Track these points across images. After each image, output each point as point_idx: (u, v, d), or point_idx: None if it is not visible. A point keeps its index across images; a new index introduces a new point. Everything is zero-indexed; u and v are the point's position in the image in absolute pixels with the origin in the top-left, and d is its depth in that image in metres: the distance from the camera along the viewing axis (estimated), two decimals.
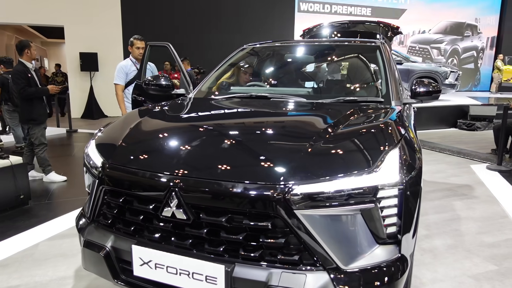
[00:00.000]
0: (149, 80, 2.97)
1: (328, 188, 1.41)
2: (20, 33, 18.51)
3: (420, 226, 3.38)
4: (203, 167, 1.57)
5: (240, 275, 1.46)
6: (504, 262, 2.76)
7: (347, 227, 1.45)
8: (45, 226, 3.36)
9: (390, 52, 2.93)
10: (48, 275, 2.55)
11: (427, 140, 7.59)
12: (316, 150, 1.58)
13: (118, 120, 2.18)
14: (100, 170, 1.73)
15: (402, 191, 1.51)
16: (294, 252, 1.45)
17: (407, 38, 16.49)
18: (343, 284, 1.41)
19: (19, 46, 4.50)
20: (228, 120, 2.19)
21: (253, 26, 13.24)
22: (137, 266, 1.61)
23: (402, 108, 2.41)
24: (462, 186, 4.65)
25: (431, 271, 2.63)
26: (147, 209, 1.57)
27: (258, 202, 1.40)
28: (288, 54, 3.24)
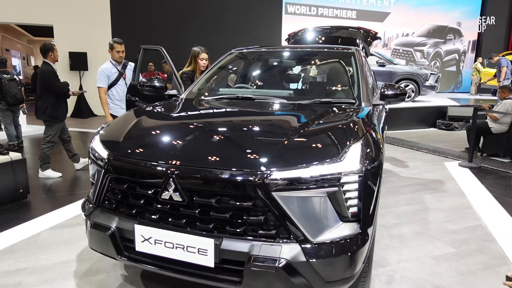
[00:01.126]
0: (143, 82, 3.23)
1: (300, 174, 1.71)
2: (6, 31, 18.40)
3: (391, 216, 3.73)
4: (196, 157, 1.86)
5: (227, 247, 1.75)
6: (462, 246, 3.12)
7: (315, 207, 1.75)
8: (46, 217, 3.59)
9: (364, 58, 3.24)
10: (52, 259, 2.79)
11: (406, 139, 8.00)
12: (291, 143, 1.88)
13: (118, 118, 2.45)
14: (106, 161, 2.00)
15: (362, 178, 1.82)
16: (272, 227, 1.75)
17: (391, 41, 16.99)
18: (311, 252, 1.71)
19: (44, 49, 4.87)
20: (217, 117, 2.50)
21: (242, 28, 13.52)
22: (139, 242, 1.89)
23: (371, 108, 2.73)
24: (434, 181, 5.03)
25: (398, 253, 2.96)
26: (148, 193, 1.85)
27: (242, 186, 1.70)
28: (272, 59, 3.54)
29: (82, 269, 2.65)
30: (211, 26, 12.98)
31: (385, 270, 2.70)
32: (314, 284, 1.74)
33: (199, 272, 1.81)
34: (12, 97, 6.58)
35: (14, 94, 6.59)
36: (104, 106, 4.43)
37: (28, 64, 23.91)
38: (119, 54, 4.48)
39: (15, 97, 6.63)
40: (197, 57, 4.12)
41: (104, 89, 4.43)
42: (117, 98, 4.46)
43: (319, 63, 3.49)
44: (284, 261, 1.68)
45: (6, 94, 6.51)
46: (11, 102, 6.61)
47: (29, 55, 24.28)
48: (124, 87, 4.49)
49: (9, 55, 18.75)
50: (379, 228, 3.42)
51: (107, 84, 4.44)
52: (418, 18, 16.97)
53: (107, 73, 4.43)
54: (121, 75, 4.50)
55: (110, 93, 4.46)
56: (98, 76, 4.43)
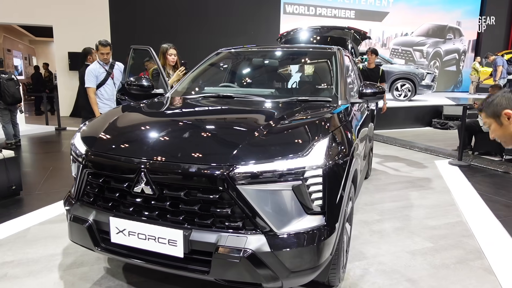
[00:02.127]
0: (131, 81, 3.32)
1: (264, 168, 1.79)
2: (8, 32, 18.57)
3: (375, 212, 3.80)
4: (166, 152, 1.95)
5: (196, 238, 1.83)
6: (440, 241, 3.18)
7: (280, 200, 1.83)
8: (36, 213, 3.68)
9: (348, 57, 3.32)
10: (39, 252, 2.89)
11: (399, 138, 8.06)
12: (259, 138, 1.97)
13: (100, 116, 2.54)
14: (84, 157, 2.09)
15: (327, 173, 1.89)
16: (239, 219, 1.83)
17: (389, 41, 17.03)
18: (276, 244, 1.79)
19: (83, 54, 5.34)
20: (192, 115, 2.59)
21: (240, 28, 13.60)
22: (114, 234, 1.98)
23: (349, 106, 2.81)
24: (422, 179, 5.09)
25: (376, 248, 3.03)
26: (122, 187, 1.94)
27: (208, 179, 1.78)
28: (256, 59, 3.63)
29: (66, 262, 2.74)
30: (209, 27, 13.06)
31: (361, 263, 2.77)
32: (280, 274, 1.82)
33: (170, 262, 1.90)
34: (10, 97, 6.70)
35: (12, 93, 6.71)
36: (93, 106, 4.53)
37: (30, 64, 24.08)
38: (103, 56, 4.57)
39: (13, 97, 6.75)
40: (165, 53, 4.43)
41: (93, 89, 4.52)
42: (106, 98, 4.55)
43: (301, 63, 3.57)
44: (249, 251, 1.76)
45: (4, 93, 6.62)
46: (9, 102, 6.72)
47: (31, 55, 24.46)
48: (112, 86, 4.59)
49: (11, 55, 18.92)
50: (361, 223, 3.50)
51: (96, 84, 4.53)
52: (417, 17, 16.99)
53: (95, 73, 4.52)
54: (109, 75, 4.60)
55: (99, 92, 4.56)
56: (86, 77, 4.53)
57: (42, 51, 25.23)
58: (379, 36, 16.95)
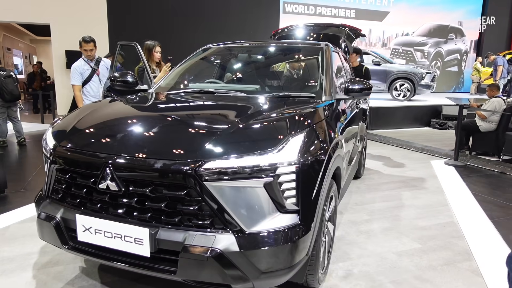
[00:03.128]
0: (115, 77, 3.25)
1: (232, 164, 1.71)
2: (8, 31, 18.59)
3: (364, 212, 3.71)
4: (131, 147, 1.87)
5: (163, 237, 1.76)
6: (429, 242, 3.10)
7: (250, 197, 1.75)
8: (18, 211, 3.62)
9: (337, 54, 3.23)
10: (15, 251, 2.82)
11: (396, 138, 7.96)
12: (229, 133, 1.89)
13: (73, 111, 2.47)
14: (51, 152, 2.02)
15: (300, 170, 1.81)
16: (207, 217, 1.75)
17: (390, 40, 16.91)
18: (245, 243, 1.71)
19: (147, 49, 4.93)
20: (165, 110, 2.53)
21: (238, 27, 13.53)
22: (80, 232, 1.91)
23: (334, 102, 2.73)
24: (416, 179, 5.00)
25: (361, 248, 2.95)
26: (88, 183, 1.86)
27: (174, 175, 1.71)
28: (242, 55, 3.55)
29: (42, 261, 2.67)
30: (207, 26, 13.00)
31: (345, 264, 2.69)
32: (250, 275, 1.74)
33: (137, 261, 1.83)
34: (9, 94, 6.65)
35: (10, 90, 6.67)
36: (79, 103, 4.45)
37: (30, 63, 24.11)
38: (87, 52, 4.50)
39: (12, 94, 6.71)
40: (152, 50, 4.50)
41: (78, 87, 4.46)
42: (91, 95, 4.48)
43: (287, 59, 3.49)
44: (217, 251, 1.68)
45: (2, 90, 6.58)
46: (8, 98, 6.68)
47: (32, 54, 24.50)
48: (98, 83, 4.52)
49: (11, 54, 18.94)
50: (348, 224, 3.42)
51: (81, 81, 4.46)
52: (418, 17, 16.87)
53: (79, 70, 4.45)
54: (94, 72, 4.53)
55: (84, 89, 4.49)
56: (71, 74, 4.46)
57: (43, 50, 25.27)
58: (380, 36, 16.84)
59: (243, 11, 13.68)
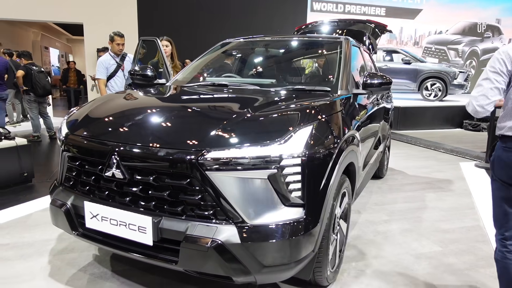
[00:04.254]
0: (135, 71, 3.30)
1: (236, 154, 1.68)
2: (46, 30, 19.44)
3: (383, 213, 3.58)
4: (137, 135, 1.88)
5: (166, 226, 1.76)
6: (450, 245, 2.94)
7: (254, 189, 1.71)
8: (42, 200, 3.75)
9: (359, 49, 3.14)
10: (35, 237, 2.92)
11: (424, 139, 7.66)
12: (235, 124, 1.86)
13: (88, 102, 2.52)
14: (63, 140, 2.07)
15: (306, 163, 1.76)
16: (209, 208, 1.73)
17: (422, 39, 16.34)
18: (247, 235, 1.68)
19: None
20: (175, 101, 2.54)
21: (265, 25, 13.50)
22: (88, 219, 1.94)
23: (350, 97, 2.64)
24: (442, 181, 4.78)
25: (378, 249, 2.84)
26: (95, 171, 1.89)
27: (177, 164, 1.70)
28: (259, 49, 3.51)
29: (58, 248, 2.75)
30: (233, 23, 13.05)
31: (358, 264, 2.59)
32: (251, 268, 1.70)
33: (140, 249, 1.83)
34: (42, 88, 6.94)
35: (43, 85, 6.96)
36: None
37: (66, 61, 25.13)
38: (119, 46, 4.64)
39: (44, 88, 7.00)
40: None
41: (103, 81, 4.57)
42: (116, 90, 4.58)
43: (305, 53, 3.42)
44: (218, 242, 1.65)
45: (35, 85, 6.87)
46: (40, 93, 6.97)
47: (68, 53, 25.54)
48: (122, 78, 4.61)
49: (48, 53, 19.82)
50: (366, 223, 3.31)
51: (106, 75, 4.57)
52: (452, 15, 16.21)
53: (105, 65, 4.57)
54: (119, 67, 4.63)
55: (109, 84, 4.60)
56: (97, 68, 4.59)
57: (78, 49, 26.28)
58: (411, 34, 16.32)
59: (270, 8, 13.62)
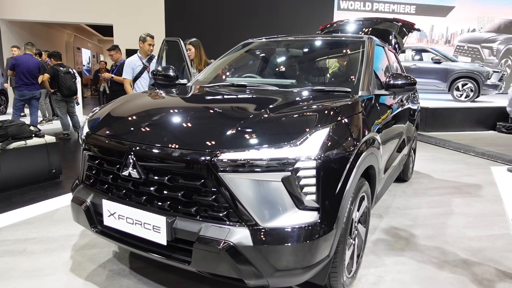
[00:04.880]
0: (157, 71, 3.35)
1: (249, 156, 1.66)
2: (79, 31, 20.15)
3: (406, 218, 3.47)
4: (153, 136, 1.90)
5: (179, 227, 1.77)
6: (477, 254, 2.81)
7: (267, 191, 1.69)
8: (68, 196, 3.85)
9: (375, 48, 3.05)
10: (59, 232, 3.02)
11: (454, 141, 7.38)
12: (248, 125, 1.84)
13: (111, 102, 2.58)
14: (84, 139, 2.13)
15: (321, 165, 1.72)
16: (223, 209, 1.72)
17: (454, 37, 15.76)
18: (260, 238, 1.66)
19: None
20: (192, 102, 2.54)
21: (291, 24, 13.43)
22: (106, 217, 1.98)
23: (372, 98, 2.57)
24: (471, 185, 4.58)
25: (398, 255, 2.75)
26: (113, 170, 1.93)
27: (191, 165, 1.70)
28: (280, 49, 3.48)
29: (81, 243, 2.83)
30: (260, 23, 13.05)
31: (377, 270, 2.52)
32: (264, 272, 1.69)
33: (154, 248, 1.85)
34: (67, 89, 7.20)
35: (68, 86, 7.21)
36: None
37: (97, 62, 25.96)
38: (150, 47, 4.74)
39: (70, 89, 7.26)
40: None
41: (129, 81, 4.68)
42: (141, 90, 4.67)
43: (327, 53, 3.36)
44: (229, 244, 1.65)
45: (61, 85, 7.15)
46: (66, 94, 7.24)
47: (99, 53, 26.37)
48: (148, 80, 4.70)
49: (80, 53, 20.54)
50: (387, 228, 3.21)
51: (132, 76, 4.67)
52: (486, 12, 15.53)
53: (132, 65, 4.66)
54: (145, 69, 4.70)
55: (135, 85, 4.69)
56: (124, 68, 4.70)
57: None
58: (443, 32, 15.77)
59: (296, 7, 13.53)
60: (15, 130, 4.03)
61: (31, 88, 6.83)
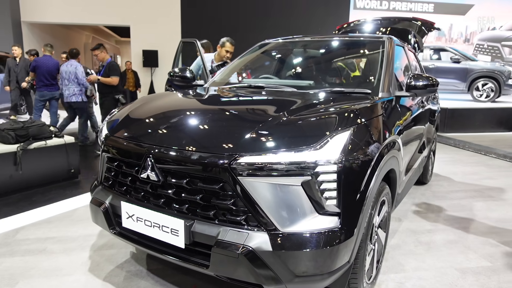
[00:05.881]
0: (174, 72, 3.36)
1: (269, 159, 1.64)
2: (97, 33, 20.49)
3: (426, 221, 3.39)
4: (172, 138, 1.90)
5: (198, 230, 1.76)
6: (501, 260, 2.72)
7: (287, 195, 1.66)
8: (87, 195, 3.92)
9: (395, 48, 2.99)
10: (78, 232, 3.06)
11: (474, 142, 7.20)
12: (267, 128, 1.81)
13: (130, 103, 2.59)
14: (103, 141, 2.14)
15: (342, 170, 1.68)
16: (241, 213, 1.70)
17: (473, 36, 15.38)
18: (279, 243, 1.64)
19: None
20: (210, 104, 2.53)
21: (307, 24, 13.34)
22: (124, 219, 1.99)
23: (392, 99, 2.52)
24: (493, 189, 4.45)
25: (419, 260, 2.68)
26: (132, 172, 1.93)
27: (209, 169, 1.69)
28: (298, 50, 3.44)
29: (99, 243, 2.86)
30: (275, 23, 13.01)
31: (397, 276, 2.47)
32: (282, 277, 1.66)
33: (172, 251, 1.85)
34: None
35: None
36: None
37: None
38: (227, 54, 4.49)
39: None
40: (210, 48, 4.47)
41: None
42: None
43: (346, 53, 3.30)
44: (248, 248, 1.63)
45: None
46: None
47: (116, 54, 26.77)
48: None
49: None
50: (407, 232, 3.14)
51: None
52: (507, 10, 15.09)
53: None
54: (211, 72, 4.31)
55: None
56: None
57: (126, 51, 27.49)
58: (462, 31, 15.41)
59: (312, 6, 13.43)
60: (36, 131, 4.10)
61: (50, 88, 6.96)
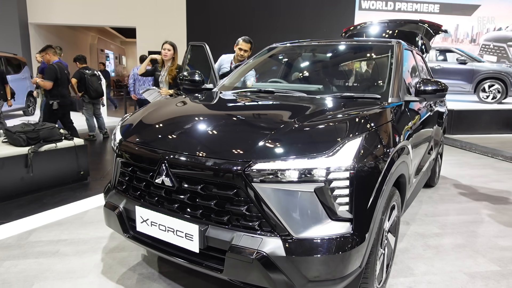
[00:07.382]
0: (183, 76, 3.39)
1: (282, 166, 1.66)
2: (102, 34, 20.60)
3: (434, 225, 3.40)
4: (186, 144, 1.92)
5: (212, 235, 1.79)
6: (510, 265, 2.73)
7: (300, 202, 1.69)
8: (97, 198, 3.98)
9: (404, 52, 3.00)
10: (90, 234, 3.10)
11: (480, 145, 7.18)
12: (282, 135, 1.84)
13: (142, 108, 2.63)
14: (117, 146, 2.17)
15: (355, 176, 1.71)
16: (255, 219, 1.73)
17: (480, 36, 15.31)
18: (293, 248, 1.66)
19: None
20: (222, 109, 2.56)
21: (312, 25, 13.34)
22: (139, 223, 2.02)
23: (401, 104, 2.54)
24: (501, 192, 4.45)
25: (428, 264, 2.70)
26: (146, 177, 1.97)
27: (223, 175, 1.72)
28: (306, 54, 3.47)
29: (110, 246, 2.90)
30: (282, 24, 13.02)
31: (406, 280, 2.48)
32: (296, 282, 1.69)
33: (186, 256, 1.88)
34: (94, 91, 7.40)
35: (95, 88, 7.41)
36: None
37: (120, 63, 26.51)
38: (241, 52, 4.36)
39: (97, 91, 7.45)
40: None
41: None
42: None
43: (354, 58, 3.32)
44: (262, 254, 1.65)
45: (88, 88, 7.34)
46: (93, 96, 7.43)
47: (121, 55, 26.90)
48: None
49: (103, 54, 20.99)
50: (415, 236, 3.16)
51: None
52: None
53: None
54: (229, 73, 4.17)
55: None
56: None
57: (131, 51, 27.62)
58: (468, 31, 15.35)
59: (317, 7, 13.43)
60: (47, 133, 4.15)
61: None
